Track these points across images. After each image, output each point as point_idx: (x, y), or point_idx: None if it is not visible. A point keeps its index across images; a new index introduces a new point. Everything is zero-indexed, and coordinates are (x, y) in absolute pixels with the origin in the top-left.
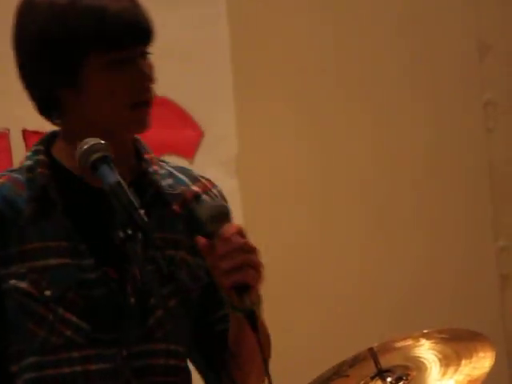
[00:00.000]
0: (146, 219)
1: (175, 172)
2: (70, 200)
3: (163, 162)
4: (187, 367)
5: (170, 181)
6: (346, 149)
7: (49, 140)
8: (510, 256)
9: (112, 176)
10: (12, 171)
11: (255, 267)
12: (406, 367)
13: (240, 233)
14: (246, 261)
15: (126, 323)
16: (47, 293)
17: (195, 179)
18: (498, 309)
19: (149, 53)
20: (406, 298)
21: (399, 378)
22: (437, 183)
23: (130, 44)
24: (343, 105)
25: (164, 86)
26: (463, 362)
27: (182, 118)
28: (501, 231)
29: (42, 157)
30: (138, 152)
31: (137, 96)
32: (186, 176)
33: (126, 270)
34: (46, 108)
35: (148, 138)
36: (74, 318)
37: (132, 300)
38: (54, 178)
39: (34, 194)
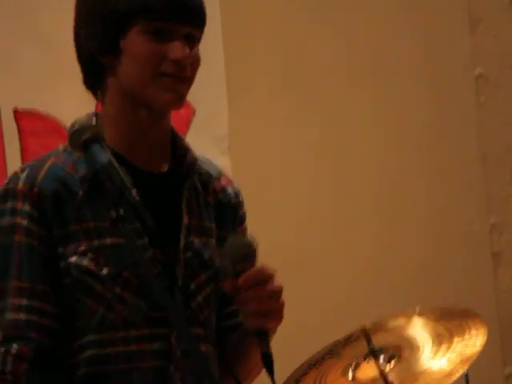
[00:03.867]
0: (138, 198)
1: (205, 163)
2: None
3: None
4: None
5: (205, 170)
6: (334, 132)
7: None
8: (502, 234)
9: (104, 155)
10: (56, 152)
11: (277, 313)
12: (399, 346)
13: (265, 276)
14: (270, 308)
15: (175, 305)
16: (104, 271)
17: (220, 172)
18: (491, 286)
19: (195, 38)
20: (398, 276)
21: (392, 357)
22: (430, 164)
23: (174, 18)
24: (332, 85)
25: None
26: (455, 339)
27: None
28: (493, 209)
29: None
30: (174, 140)
31: (166, 67)
32: (213, 168)
33: (174, 251)
34: (90, 79)
35: None
36: (130, 297)
37: (180, 282)
38: None
39: (88, 175)
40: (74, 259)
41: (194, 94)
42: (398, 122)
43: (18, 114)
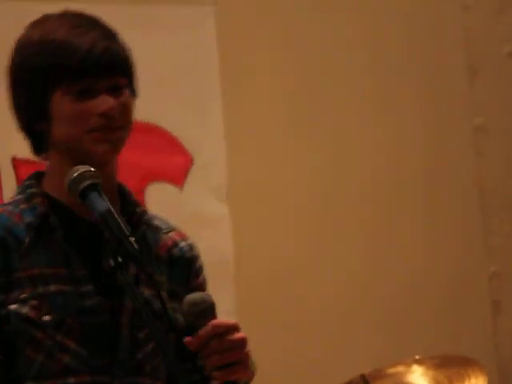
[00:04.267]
0: (136, 247)
1: (157, 219)
2: (66, 229)
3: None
4: None
5: (155, 224)
6: (337, 174)
7: (37, 176)
8: (502, 282)
9: (102, 204)
10: (4, 205)
11: (241, 364)
12: None
13: (223, 328)
14: (233, 360)
15: (119, 353)
16: (46, 318)
17: (172, 228)
18: (490, 334)
19: (121, 86)
20: (398, 324)
21: None
22: (427, 208)
23: (90, 76)
24: (333, 130)
25: (153, 112)
26: None
27: (172, 144)
28: (493, 256)
29: (35, 189)
30: (123, 196)
31: (94, 123)
32: (164, 223)
33: (120, 300)
34: (34, 144)
35: (137, 165)
36: (72, 344)
37: (125, 331)
38: (50, 207)
39: (34, 222)
40: (14, 307)
41: (193, 143)
42: (395, 170)
43: (16, 163)
